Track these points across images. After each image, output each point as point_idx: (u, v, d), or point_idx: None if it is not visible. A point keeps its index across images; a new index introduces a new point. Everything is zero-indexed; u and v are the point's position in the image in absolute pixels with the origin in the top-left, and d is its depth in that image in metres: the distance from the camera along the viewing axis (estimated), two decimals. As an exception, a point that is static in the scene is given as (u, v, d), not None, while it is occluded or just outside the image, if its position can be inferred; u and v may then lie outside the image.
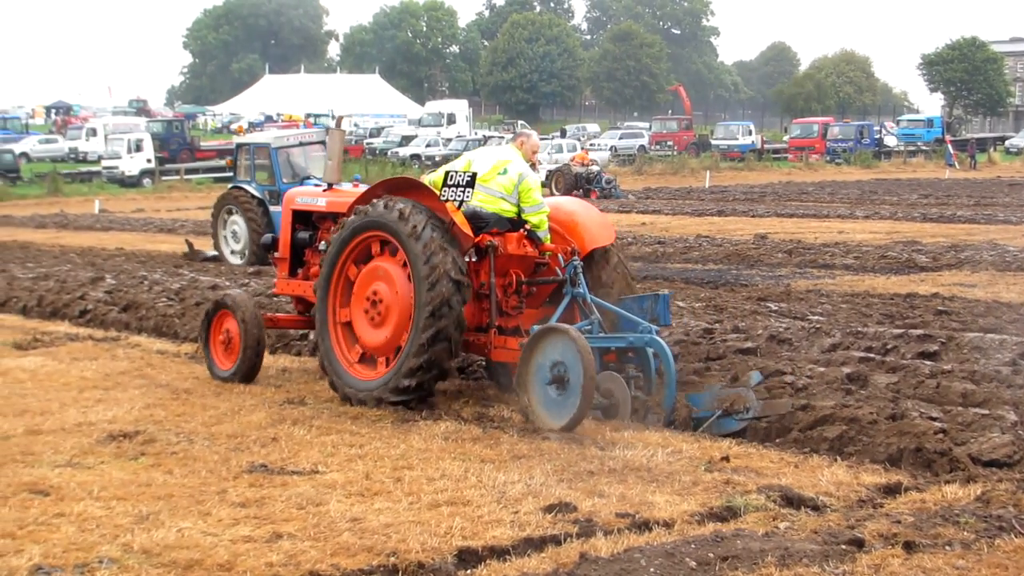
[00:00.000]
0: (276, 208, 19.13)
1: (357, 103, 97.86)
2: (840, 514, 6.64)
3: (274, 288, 12.15)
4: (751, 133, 75.14)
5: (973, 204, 35.08)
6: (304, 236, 11.23)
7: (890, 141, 75.18)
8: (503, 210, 9.87)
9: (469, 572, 5.76)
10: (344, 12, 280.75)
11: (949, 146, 65.51)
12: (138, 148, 53.85)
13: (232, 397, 9.87)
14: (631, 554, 5.83)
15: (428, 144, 65.87)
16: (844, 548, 5.96)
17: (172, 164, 56.32)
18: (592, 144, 68.00)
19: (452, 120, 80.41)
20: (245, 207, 21.62)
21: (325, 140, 16.84)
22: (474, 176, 9.66)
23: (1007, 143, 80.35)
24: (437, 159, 53.81)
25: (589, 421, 8.72)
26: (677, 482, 7.24)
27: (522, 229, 9.89)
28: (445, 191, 9.67)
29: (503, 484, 7.12)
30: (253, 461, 7.70)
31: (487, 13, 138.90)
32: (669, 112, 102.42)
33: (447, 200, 9.55)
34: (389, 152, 65.37)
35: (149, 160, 53.82)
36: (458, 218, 9.43)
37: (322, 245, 10.40)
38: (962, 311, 13.62)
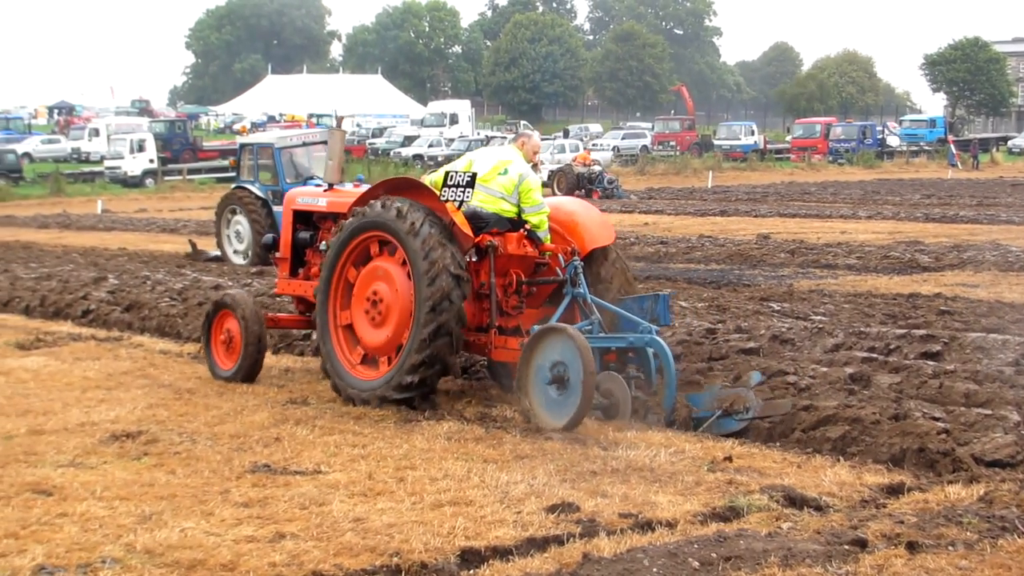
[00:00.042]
0: (279, 208, 19.09)
1: (360, 103, 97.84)
2: (843, 514, 6.64)
3: (275, 288, 12.16)
4: (754, 133, 74.99)
5: (976, 204, 35.04)
6: (305, 236, 11.22)
7: (893, 141, 75.09)
8: (503, 210, 9.86)
9: (472, 572, 5.75)
10: (346, 12, 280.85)
11: (952, 146, 65.51)
12: (141, 148, 53.86)
13: (235, 397, 9.87)
14: (634, 554, 5.83)
15: (431, 144, 65.88)
16: (847, 548, 5.96)
17: (175, 164, 56.33)
18: (595, 144, 67.98)
19: (455, 120, 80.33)
20: (248, 207, 21.64)
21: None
22: (474, 176, 9.66)
23: (1010, 143, 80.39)
24: (440, 159, 53.74)
25: (592, 422, 8.73)
26: (680, 482, 7.24)
27: (522, 229, 9.89)
28: (445, 191, 9.68)
29: (506, 484, 7.12)
30: (256, 461, 7.70)
31: (490, 13, 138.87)
32: (672, 112, 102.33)
33: (447, 200, 9.56)
34: (392, 152, 65.37)
35: (152, 160, 53.84)
36: (458, 218, 9.43)
37: (323, 245, 10.39)
38: (965, 311, 13.62)
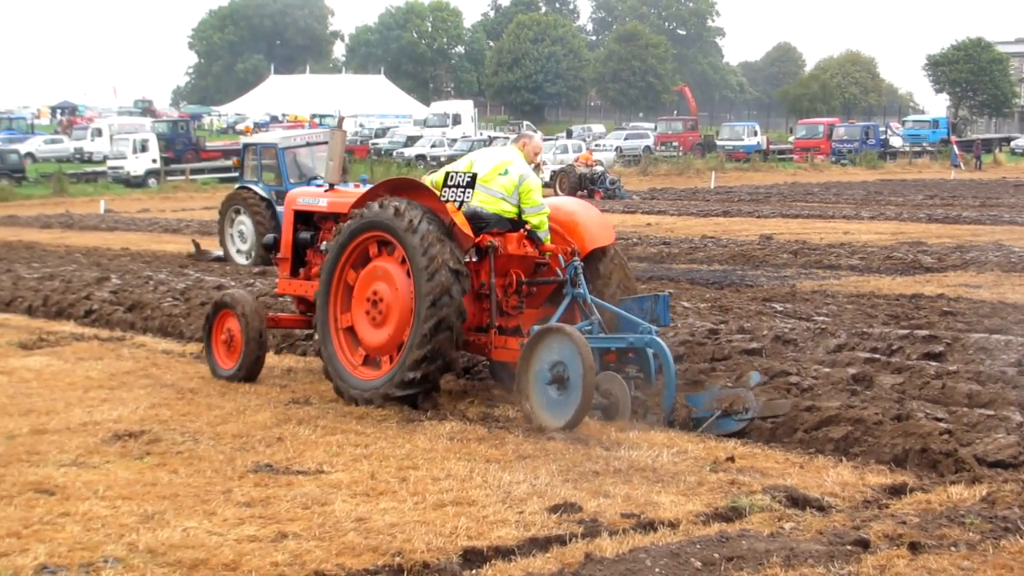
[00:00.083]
0: (283, 208, 19.13)
1: (362, 103, 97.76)
2: (845, 515, 6.63)
3: (276, 288, 12.17)
4: (756, 134, 74.97)
5: (978, 205, 35.03)
6: (306, 236, 11.23)
7: (895, 142, 75.04)
8: (503, 211, 9.87)
9: (474, 572, 5.76)
10: (349, 12, 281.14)
11: (954, 147, 65.45)
12: (143, 148, 53.84)
13: (237, 397, 9.88)
14: (636, 554, 5.83)
15: (433, 145, 65.87)
16: (849, 549, 5.95)
17: (177, 164, 56.27)
18: (597, 145, 67.95)
19: (457, 121, 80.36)
20: (252, 207, 21.65)
21: (330, 141, 16.82)
22: (474, 177, 9.67)
23: (1012, 144, 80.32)
24: (442, 159, 53.78)
25: (594, 422, 8.73)
26: (682, 482, 7.24)
27: (522, 229, 9.90)
28: (445, 191, 9.69)
29: (508, 484, 7.12)
30: (258, 461, 7.71)
31: (492, 14, 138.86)
32: (674, 113, 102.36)
33: (447, 200, 9.57)
34: (394, 153, 65.37)
35: (154, 160, 53.80)
36: (458, 218, 9.44)
37: (323, 245, 10.40)
38: (967, 312, 13.61)
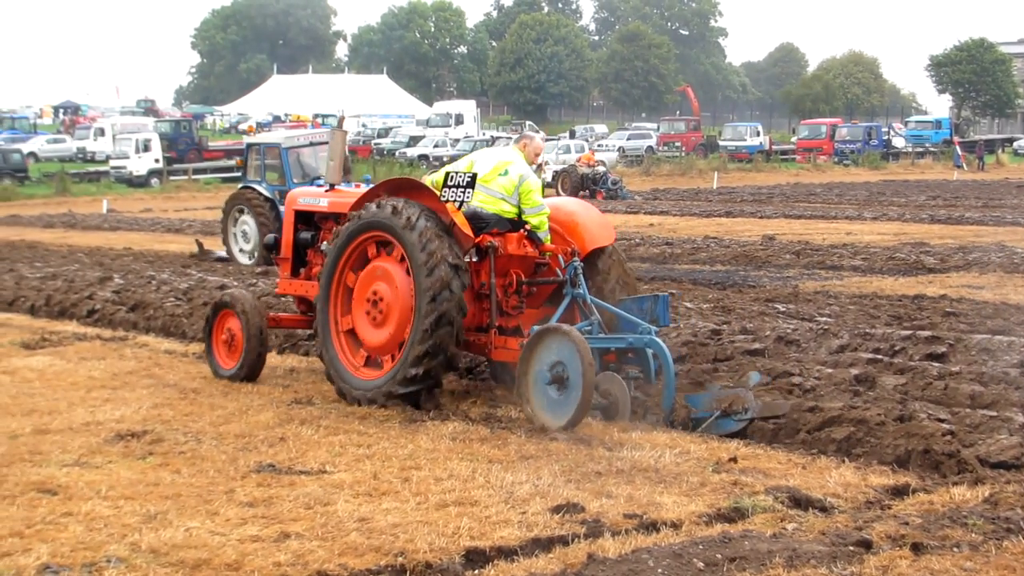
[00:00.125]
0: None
1: (365, 103, 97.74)
2: (848, 515, 6.64)
3: (277, 288, 12.17)
4: (759, 134, 74.87)
5: (981, 206, 35.02)
6: (306, 236, 11.24)
7: (898, 142, 75.02)
8: (503, 211, 9.88)
9: (477, 572, 5.76)
10: (352, 12, 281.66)
11: (957, 147, 65.44)
12: (146, 148, 53.87)
13: (240, 397, 9.88)
14: (639, 555, 5.84)
15: (436, 145, 65.88)
16: (852, 549, 5.95)
17: (180, 164, 56.28)
18: (600, 145, 67.95)
19: (460, 121, 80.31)
20: (255, 207, 21.68)
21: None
22: (475, 177, 9.68)
23: (1015, 144, 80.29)
24: (445, 159, 53.76)
25: (597, 423, 8.73)
26: (685, 483, 7.24)
27: (522, 230, 9.90)
28: (446, 192, 9.70)
29: (511, 484, 7.12)
30: (261, 461, 7.71)
31: (495, 14, 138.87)
32: (677, 113, 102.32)
33: (447, 200, 9.57)
34: (397, 152, 65.36)
35: (157, 160, 53.84)
36: (458, 218, 9.45)
37: (324, 245, 10.41)
38: (970, 313, 13.60)
